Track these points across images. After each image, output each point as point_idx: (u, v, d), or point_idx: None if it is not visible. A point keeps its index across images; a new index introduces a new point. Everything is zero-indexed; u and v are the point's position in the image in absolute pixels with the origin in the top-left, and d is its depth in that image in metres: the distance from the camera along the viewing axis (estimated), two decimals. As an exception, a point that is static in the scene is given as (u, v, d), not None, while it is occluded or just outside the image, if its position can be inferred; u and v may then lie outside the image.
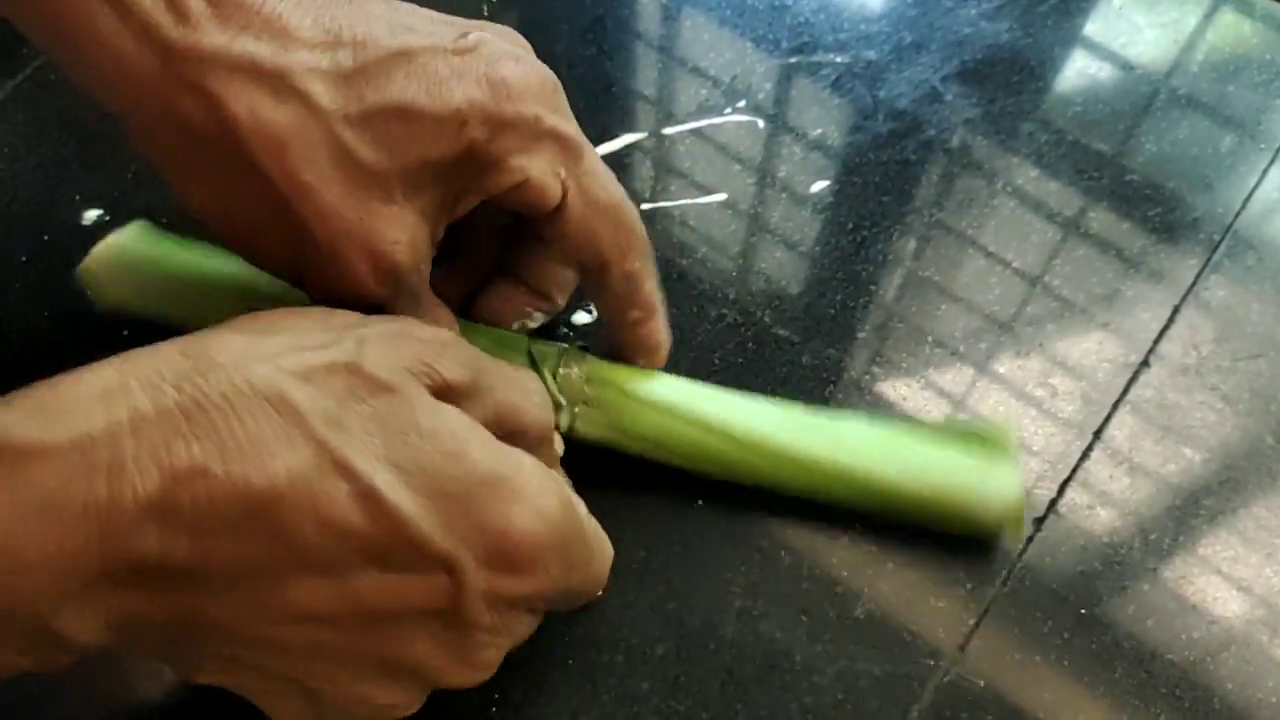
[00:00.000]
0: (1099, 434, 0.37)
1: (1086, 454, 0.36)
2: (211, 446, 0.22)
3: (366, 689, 0.25)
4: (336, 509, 0.23)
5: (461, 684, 0.26)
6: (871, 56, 0.46)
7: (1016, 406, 0.37)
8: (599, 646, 0.33)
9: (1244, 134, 0.44)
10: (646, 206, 0.42)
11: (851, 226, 0.41)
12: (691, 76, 0.46)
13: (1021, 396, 0.37)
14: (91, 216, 0.41)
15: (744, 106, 0.45)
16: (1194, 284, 0.40)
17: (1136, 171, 0.43)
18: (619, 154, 0.44)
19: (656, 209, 0.42)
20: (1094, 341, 0.39)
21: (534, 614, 0.28)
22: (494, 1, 0.48)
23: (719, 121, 0.45)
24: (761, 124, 0.44)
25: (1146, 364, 0.38)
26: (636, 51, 0.47)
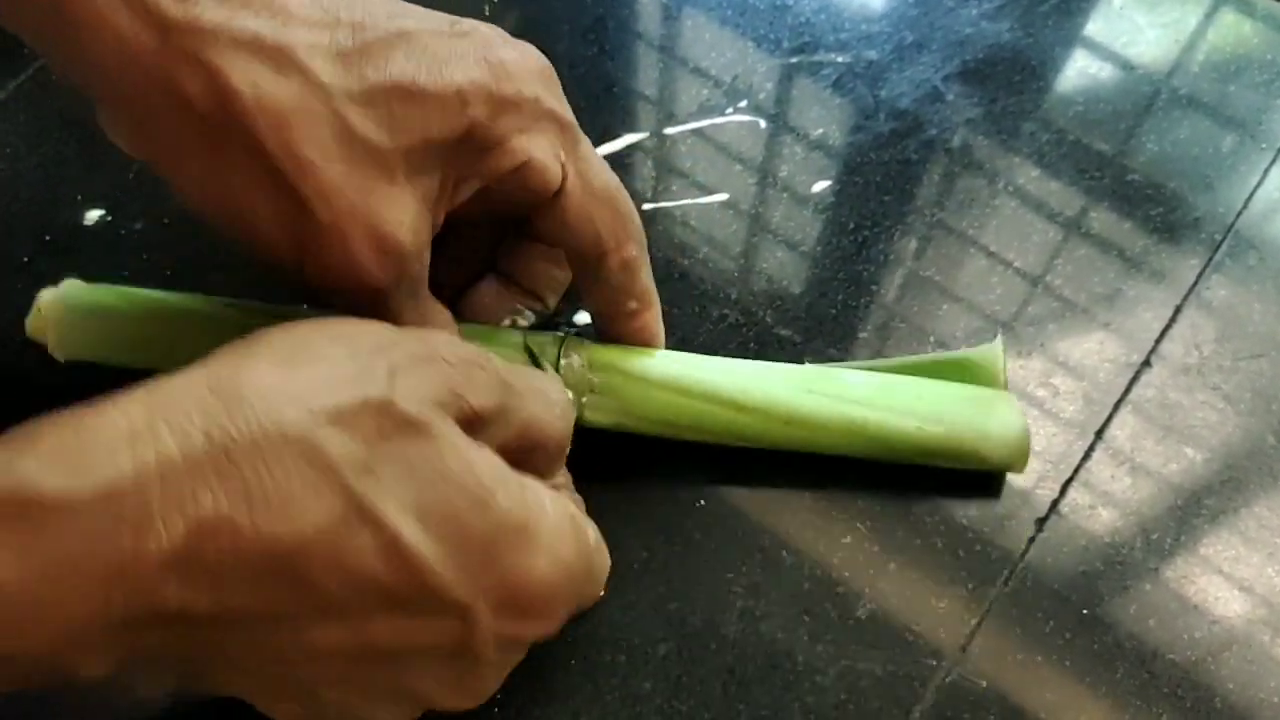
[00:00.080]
0: (1100, 434, 0.37)
1: (1088, 454, 0.36)
2: (238, 497, 0.22)
3: (368, 709, 0.26)
4: (361, 561, 0.23)
5: (459, 709, 0.27)
6: (873, 56, 0.46)
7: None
8: (601, 647, 0.33)
9: (1245, 134, 0.44)
10: (648, 207, 0.42)
11: (853, 226, 0.41)
12: (692, 76, 0.46)
13: (1023, 396, 0.37)
14: (93, 217, 0.41)
15: (745, 106, 0.45)
16: (1195, 284, 0.40)
17: (1138, 171, 0.43)
18: (620, 154, 0.44)
19: (658, 209, 0.42)
20: (1095, 341, 0.39)
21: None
22: (495, 1, 0.48)
23: (720, 121, 0.45)
24: (763, 124, 0.44)
25: (1148, 364, 0.38)
26: (637, 51, 0.47)
